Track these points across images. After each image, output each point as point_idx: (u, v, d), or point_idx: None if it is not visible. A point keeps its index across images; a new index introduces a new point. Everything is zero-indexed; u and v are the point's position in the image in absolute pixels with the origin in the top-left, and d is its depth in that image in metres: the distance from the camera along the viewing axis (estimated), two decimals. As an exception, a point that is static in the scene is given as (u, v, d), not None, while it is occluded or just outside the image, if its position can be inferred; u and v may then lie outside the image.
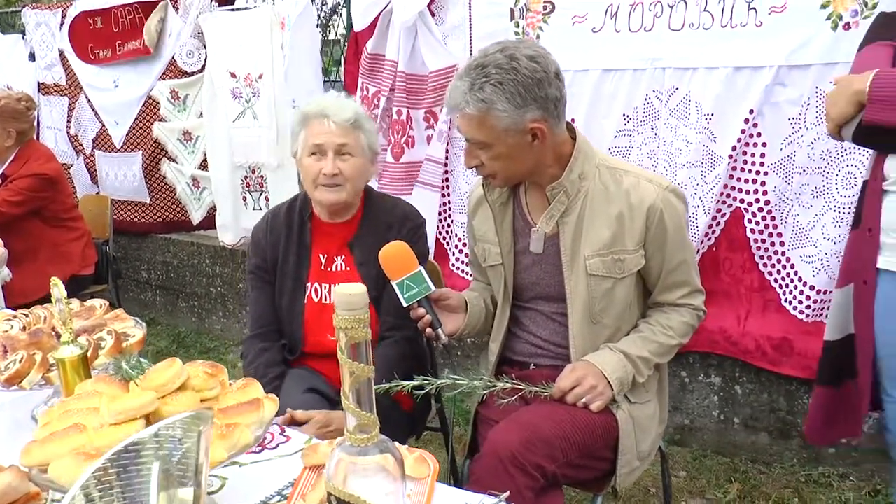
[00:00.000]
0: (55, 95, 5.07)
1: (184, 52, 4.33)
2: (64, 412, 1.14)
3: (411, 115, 3.53)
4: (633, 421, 1.83)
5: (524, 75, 1.63)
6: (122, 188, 4.80)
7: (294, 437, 1.49)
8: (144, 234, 4.92)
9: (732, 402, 3.01)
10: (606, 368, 1.77)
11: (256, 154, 4.11)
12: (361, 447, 0.90)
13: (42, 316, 1.67)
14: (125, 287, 5.13)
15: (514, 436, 1.64)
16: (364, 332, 0.86)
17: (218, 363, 1.29)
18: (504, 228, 1.93)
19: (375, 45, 3.56)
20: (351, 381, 0.89)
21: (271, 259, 2.17)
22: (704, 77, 2.72)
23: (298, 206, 2.19)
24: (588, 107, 2.99)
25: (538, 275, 1.90)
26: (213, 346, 4.60)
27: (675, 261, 1.81)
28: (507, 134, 1.68)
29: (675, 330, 1.85)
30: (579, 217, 1.79)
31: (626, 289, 1.82)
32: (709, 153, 2.76)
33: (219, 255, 4.61)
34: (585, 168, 1.79)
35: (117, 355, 1.40)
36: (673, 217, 1.78)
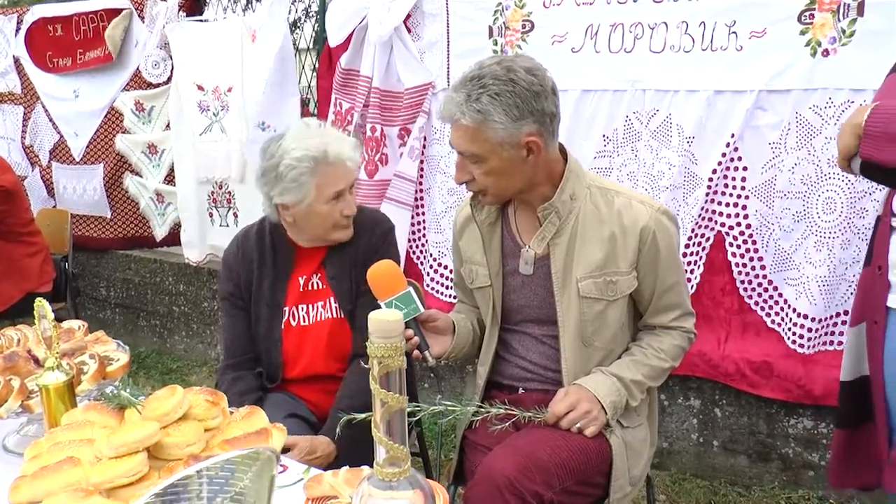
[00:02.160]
0: (9, 104, 4.92)
1: (149, 63, 4.23)
2: (54, 444, 1.07)
3: (385, 133, 3.50)
4: (625, 446, 1.82)
5: (522, 87, 1.62)
6: (81, 202, 4.65)
7: (291, 467, 1.43)
8: (104, 250, 4.77)
9: (712, 425, 3.02)
10: (600, 392, 1.75)
11: (222, 169, 4.03)
12: (391, 482, 0.86)
13: (15, 338, 1.58)
14: (83, 304, 4.96)
15: (510, 462, 1.61)
16: (400, 361, 0.83)
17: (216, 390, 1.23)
18: (492, 249, 1.91)
19: (350, 60, 3.53)
20: (383, 411, 0.85)
21: (245, 284, 2.11)
22: (685, 99, 2.75)
23: (267, 229, 2.13)
24: (567, 127, 2.99)
25: (528, 297, 1.89)
26: (175, 367, 4.47)
27: (668, 283, 1.81)
28: (503, 147, 1.66)
29: (666, 353, 1.85)
30: (571, 238, 1.78)
31: (618, 311, 1.81)
32: (690, 175, 2.79)
33: (183, 273, 4.50)
34: (576, 189, 1.78)
35: (101, 381, 1.33)
36: (665, 239, 1.78)
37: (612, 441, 1.79)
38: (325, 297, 2.09)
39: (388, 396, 0.84)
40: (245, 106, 3.85)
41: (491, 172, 1.71)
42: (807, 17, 2.54)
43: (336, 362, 2.10)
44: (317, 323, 2.09)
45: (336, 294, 2.07)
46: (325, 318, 2.09)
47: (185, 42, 4.04)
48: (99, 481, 0.95)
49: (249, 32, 3.81)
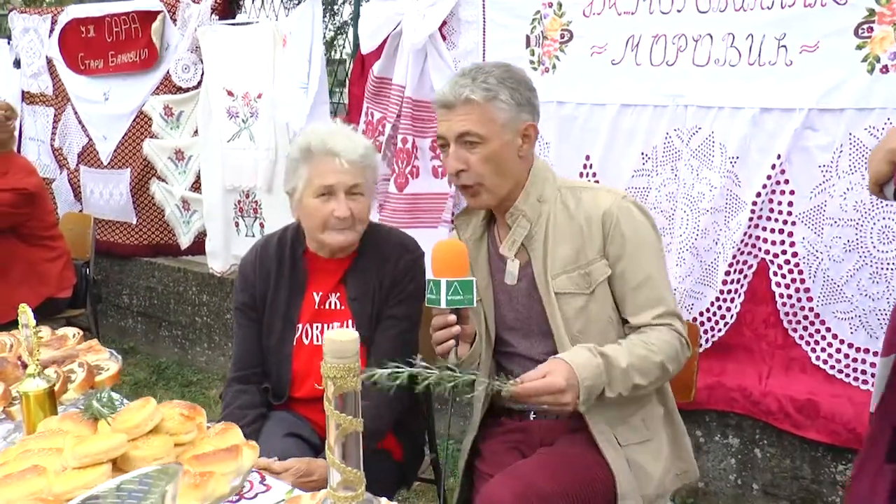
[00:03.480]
0: (40, 105, 5.12)
1: (179, 67, 4.37)
2: (23, 452, 1.12)
3: (417, 144, 3.53)
4: (628, 463, 1.81)
5: (520, 78, 1.85)
6: (107, 207, 4.80)
7: (275, 487, 1.46)
8: (128, 257, 4.92)
9: (752, 466, 2.96)
10: (581, 373, 1.66)
11: (249, 178, 4.11)
12: (345, 507, 0.88)
13: (7, 343, 1.65)
14: (104, 312, 5.11)
15: (507, 490, 1.63)
16: (353, 382, 0.85)
17: (196, 404, 1.27)
18: (479, 265, 1.97)
19: (382, 69, 3.58)
20: (337, 433, 0.87)
21: (260, 296, 2.13)
22: (729, 117, 2.72)
23: (290, 239, 2.15)
24: (604, 143, 2.99)
25: (517, 310, 1.92)
26: (195, 380, 4.56)
27: (641, 273, 1.81)
28: (504, 130, 1.80)
29: (656, 345, 1.77)
30: (545, 240, 1.85)
31: (600, 304, 1.83)
32: (733, 198, 2.75)
33: (206, 283, 4.60)
34: (545, 191, 1.88)
35: (88, 390, 1.38)
36: (630, 224, 1.82)
37: (610, 460, 1.78)
38: (343, 319, 2.09)
39: (343, 419, 0.86)
40: (275, 113, 3.94)
41: (489, 158, 1.79)
42: (864, 30, 2.49)
43: None
44: None
45: (356, 318, 2.07)
46: None
47: (216, 46, 4.15)
48: (60, 492, 0.99)
49: (281, 37, 3.90)
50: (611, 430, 1.83)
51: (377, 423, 2.01)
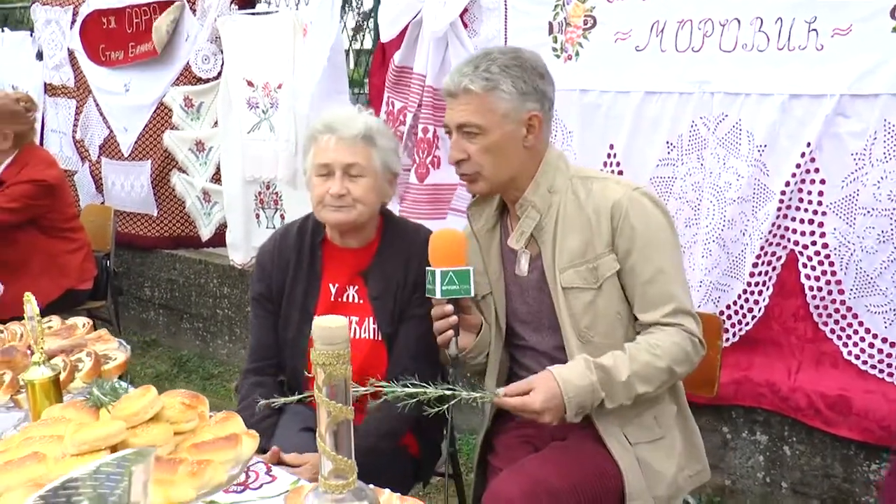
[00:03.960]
0: (62, 97, 5.20)
1: (199, 57, 4.41)
2: (25, 439, 1.15)
3: (438, 134, 3.53)
4: (638, 462, 1.80)
5: (528, 65, 1.81)
6: (128, 199, 4.87)
7: (280, 478, 1.48)
8: (149, 249, 4.99)
9: (780, 464, 2.93)
10: (569, 391, 1.67)
11: (269, 168, 4.14)
12: (337, 494, 0.89)
13: (18, 332, 1.69)
14: (126, 304, 5.19)
15: (515, 486, 1.64)
16: (343, 370, 0.85)
17: (199, 394, 1.29)
18: (491, 256, 1.97)
19: (403, 58, 3.58)
20: (328, 421, 0.88)
21: (277, 286, 2.13)
22: (757, 104, 2.68)
23: (310, 227, 2.15)
24: (629, 132, 2.97)
25: (528, 303, 1.92)
26: (216, 373, 4.62)
27: (651, 268, 1.79)
28: (505, 121, 1.78)
29: (662, 349, 1.75)
30: (554, 231, 1.84)
31: (607, 299, 1.81)
32: (761, 188, 2.72)
33: (227, 276, 4.65)
34: (557, 182, 1.86)
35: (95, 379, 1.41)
36: (641, 216, 1.79)
37: (617, 459, 1.78)
38: (363, 316, 2.10)
39: (334, 407, 0.87)
40: (295, 104, 3.96)
41: (489, 149, 1.79)
42: (901, 11, 2.45)
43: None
44: (351, 340, 2.10)
45: (377, 315, 2.07)
46: (361, 338, 2.10)
47: (235, 36, 4.18)
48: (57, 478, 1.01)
49: (301, 27, 3.92)
50: (620, 428, 1.82)
51: (396, 424, 2.02)
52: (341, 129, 1.99)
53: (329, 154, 1.99)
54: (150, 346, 5.07)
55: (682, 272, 1.86)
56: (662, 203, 1.87)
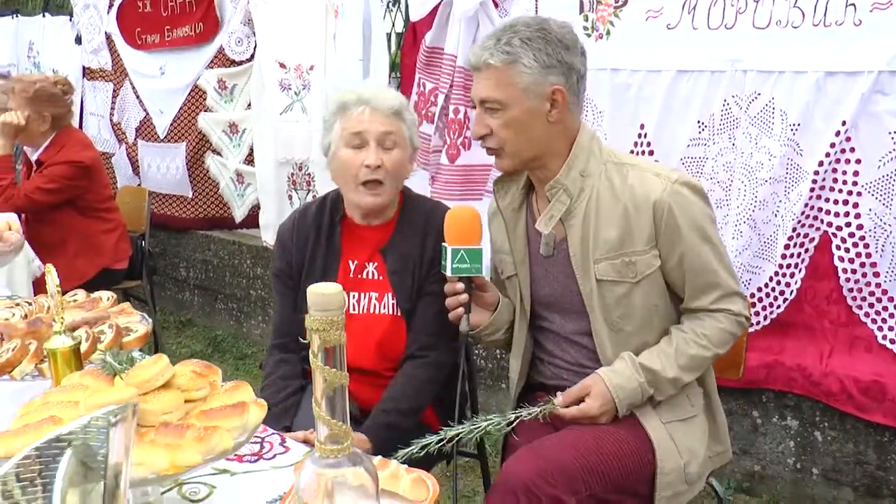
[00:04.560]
0: (100, 81, 5.30)
1: (233, 40, 4.46)
2: (44, 403, 1.19)
3: (469, 115, 3.53)
4: (673, 441, 1.80)
5: (553, 37, 1.75)
6: (164, 181, 4.96)
7: (294, 449, 1.52)
8: (184, 230, 5.08)
9: (811, 450, 2.90)
10: (620, 395, 1.75)
11: (302, 150, 4.19)
12: (332, 459, 0.91)
13: (45, 305, 1.75)
14: (162, 284, 5.30)
15: (528, 465, 1.63)
16: (338, 335, 0.87)
17: (211, 364, 1.32)
18: (517, 235, 1.94)
19: (434, 38, 3.58)
20: (324, 387, 0.90)
21: (297, 263, 2.15)
22: (791, 82, 2.64)
23: (329, 205, 2.16)
24: (659, 111, 2.94)
25: (552, 285, 1.90)
26: (250, 353, 4.69)
27: (698, 261, 1.77)
28: (526, 95, 1.73)
29: (710, 339, 1.79)
30: (585, 218, 1.80)
31: (644, 293, 1.80)
32: (793, 168, 2.68)
33: (260, 256, 4.71)
34: (590, 166, 1.81)
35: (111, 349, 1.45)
36: (685, 211, 1.75)
37: (653, 435, 1.78)
38: (382, 291, 2.11)
39: (329, 373, 0.89)
40: (327, 86, 3.99)
41: (510, 124, 1.76)
42: (944, -15, 2.39)
43: (386, 361, 2.12)
44: (370, 315, 2.12)
45: (396, 291, 2.08)
46: (380, 314, 2.12)
47: (268, 18, 4.23)
48: (70, 441, 1.05)
49: (333, 8, 3.95)
50: (652, 406, 1.83)
51: (414, 401, 2.04)
52: (374, 100, 1.99)
53: (363, 124, 1.98)
54: (186, 325, 5.17)
55: (725, 254, 1.83)
56: (700, 186, 1.82)
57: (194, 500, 1.31)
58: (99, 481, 0.68)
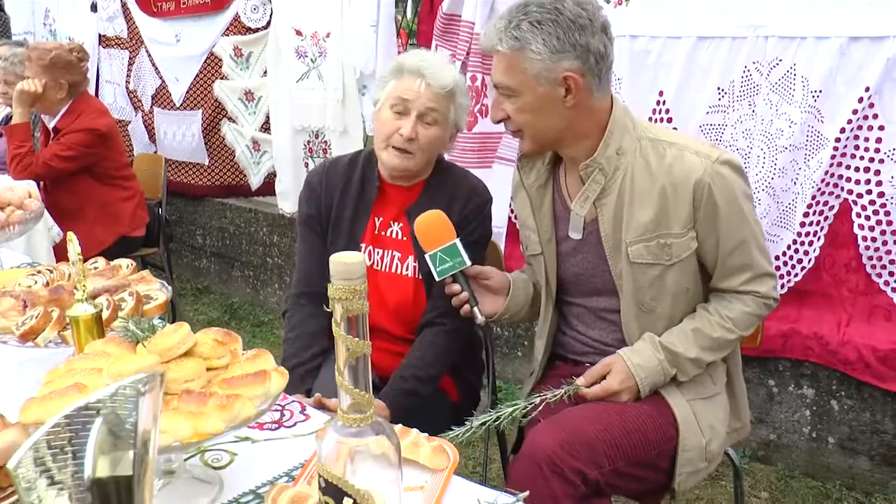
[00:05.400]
0: (115, 49, 5.27)
1: (248, 7, 4.42)
2: (68, 371, 1.20)
3: (486, 82, 3.50)
4: (696, 417, 1.79)
5: (566, 18, 1.63)
6: (179, 148, 4.96)
7: (314, 417, 1.52)
8: (200, 198, 5.08)
9: (827, 419, 2.90)
10: (640, 374, 1.76)
11: (319, 118, 4.17)
12: (355, 428, 0.91)
13: (67, 273, 1.75)
14: (179, 252, 5.32)
15: (551, 437, 1.62)
16: (360, 304, 0.87)
17: (232, 332, 1.32)
18: (543, 214, 1.90)
19: (451, 5, 3.54)
20: (347, 356, 0.89)
21: (325, 209, 2.14)
22: (813, 48, 2.59)
23: (361, 161, 2.16)
24: (679, 79, 2.90)
25: (581, 265, 1.87)
26: (266, 320, 4.72)
27: (733, 241, 1.74)
28: (538, 82, 1.66)
29: (735, 322, 1.78)
30: (619, 198, 1.75)
31: (677, 275, 1.77)
32: (814, 135, 2.64)
33: (277, 224, 4.72)
34: (625, 142, 1.75)
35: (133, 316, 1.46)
36: (725, 192, 1.70)
37: (678, 413, 1.78)
38: (404, 253, 2.11)
39: (352, 342, 0.88)
40: (343, 55, 3.96)
41: (524, 109, 1.71)
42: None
43: (403, 325, 2.13)
44: (392, 274, 2.12)
45: (418, 254, 2.08)
46: (401, 275, 2.12)
47: (285, -16, 4.19)
48: (95, 408, 1.06)
49: (350, -27, 3.90)
50: (674, 384, 1.82)
51: (432, 369, 2.04)
52: (431, 76, 1.98)
53: (412, 94, 1.98)
54: (203, 293, 5.20)
55: (760, 233, 1.80)
56: (739, 163, 1.76)
57: (216, 466, 1.32)
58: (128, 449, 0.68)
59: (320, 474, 0.91)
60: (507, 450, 2.44)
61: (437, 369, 2.06)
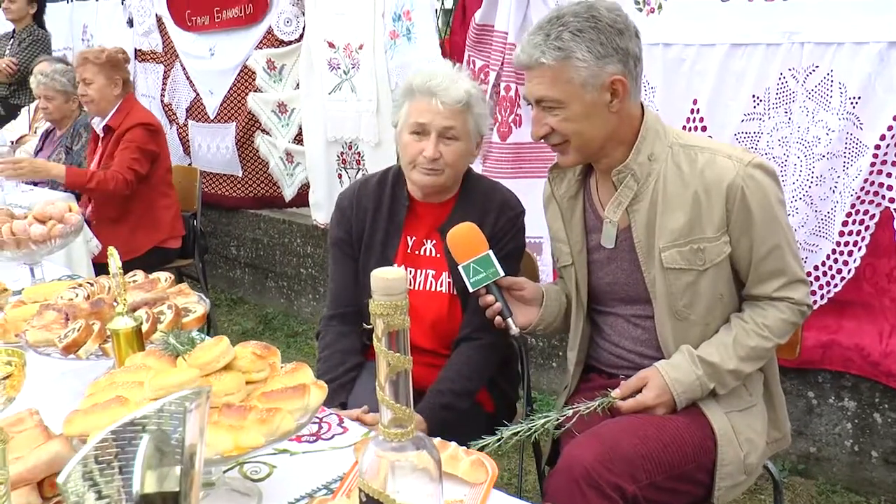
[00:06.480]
0: (151, 63, 5.35)
1: (282, 20, 4.46)
2: (110, 384, 1.22)
3: (520, 92, 3.50)
4: (734, 430, 1.77)
5: (605, 24, 1.65)
6: (214, 160, 5.01)
7: (352, 429, 1.53)
8: (234, 209, 5.13)
9: (870, 432, 2.84)
10: (677, 388, 1.74)
11: (352, 129, 4.19)
12: (396, 443, 0.91)
13: (107, 286, 1.78)
14: (213, 263, 5.37)
15: (589, 451, 1.61)
16: (402, 320, 0.87)
17: (271, 345, 1.33)
18: (574, 225, 1.90)
19: (484, 15, 3.55)
20: (388, 371, 0.89)
21: (356, 232, 2.16)
22: (851, 53, 2.55)
23: (391, 179, 2.17)
24: (713, 86, 2.87)
25: (614, 274, 1.86)
26: (300, 330, 4.74)
27: (767, 246, 1.72)
28: (585, 90, 1.67)
29: (771, 329, 1.76)
30: (651, 204, 1.74)
31: (711, 281, 1.75)
32: (853, 142, 2.60)
33: (310, 235, 4.75)
34: (656, 148, 1.75)
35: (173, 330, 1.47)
36: (758, 196, 1.69)
37: (716, 426, 1.75)
38: (439, 269, 2.12)
39: (393, 357, 0.88)
40: (376, 65, 3.98)
41: (572, 119, 1.70)
42: None
43: (440, 339, 2.13)
44: (427, 292, 2.12)
45: (452, 270, 2.08)
46: (436, 292, 2.12)
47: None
48: (137, 421, 1.07)
49: (381, -14, 3.93)
50: (711, 395, 1.79)
51: (469, 383, 2.04)
52: (442, 93, 1.96)
53: (427, 115, 1.98)
54: (237, 303, 5.24)
55: (793, 238, 1.79)
56: (772, 167, 1.75)
57: (255, 479, 1.33)
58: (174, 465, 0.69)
59: (361, 489, 0.91)
60: (542, 461, 2.42)
61: (473, 383, 2.06)
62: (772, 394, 1.91)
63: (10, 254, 2.22)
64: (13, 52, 5.59)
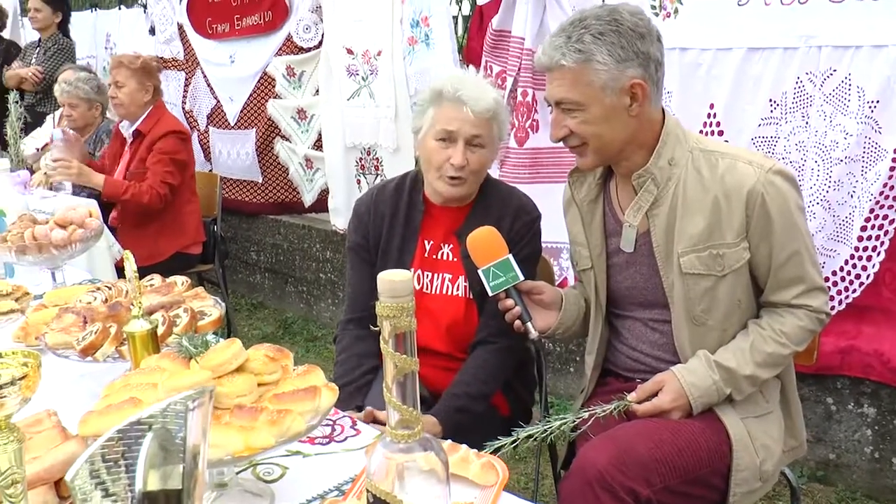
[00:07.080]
0: (172, 70, 5.42)
1: (301, 28, 4.50)
2: (125, 385, 1.23)
3: (537, 97, 3.50)
4: (750, 436, 1.76)
5: (626, 27, 1.66)
6: (234, 167, 5.06)
7: (365, 432, 1.53)
8: (254, 215, 5.17)
9: (890, 439, 2.80)
10: (693, 393, 1.73)
11: (370, 135, 4.21)
12: (403, 444, 0.91)
13: (124, 289, 1.80)
14: (233, 268, 5.41)
15: (603, 454, 1.60)
16: (408, 322, 0.87)
17: (283, 348, 1.34)
18: (593, 228, 1.90)
19: (501, 21, 3.55)
20: (395, 373, 0.90)
21: (373, 237, 2.17)
22: (869, 57, 2.53)
23: (408, 185, 2.18)
24: (730, 91, 2.86)
25: (633, 278, 1.86)
26: (320, 335, 4.76)
27: (786, 253, 1.71)
28: (605, 93, 1.67)
29: (789, 336, 1.74)
30: (671, 208, 1.74)
31: (730, 287, 1.74)
32: (871, 146, 2.57)
33: (330, 240, 4.77)
34: (676, 153, 1.74)
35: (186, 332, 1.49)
36: (777, 202, 1.68)
37: (731, 431, 1.74)
38: (455, 273, 2.12)
39: (400, 359, 0.88)
40: (395, 70, 4.00)
41: (591, 122, 1.70)
42: None
43: (456, 343, 2.14)
44: (443, 296, 2.13)
45: (469, 274, 2.09)
46: (452, 295, 2.13)
47: (336, 4, 4.24)
48: (150, 422, 1.08)
49: (400, -7, 3.94)
50: (727, 401, 1.78)
51: (485, 387, 2.04)
52: (473, 102, 1.97)
53: (455, 122, 1.98)
54: (257, 308, 5.28)
55: (812, 245, 1.77)
56: (792, 174, 1.75)
57: (268, 480, 1.33)
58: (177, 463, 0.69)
59: (369, 490, 0.92)
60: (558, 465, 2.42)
61: (489, 387, 2.06)
62: (789, 401, 1.90)
63: (31, 258, 2.25)
64: (39, 60, 5.67)
